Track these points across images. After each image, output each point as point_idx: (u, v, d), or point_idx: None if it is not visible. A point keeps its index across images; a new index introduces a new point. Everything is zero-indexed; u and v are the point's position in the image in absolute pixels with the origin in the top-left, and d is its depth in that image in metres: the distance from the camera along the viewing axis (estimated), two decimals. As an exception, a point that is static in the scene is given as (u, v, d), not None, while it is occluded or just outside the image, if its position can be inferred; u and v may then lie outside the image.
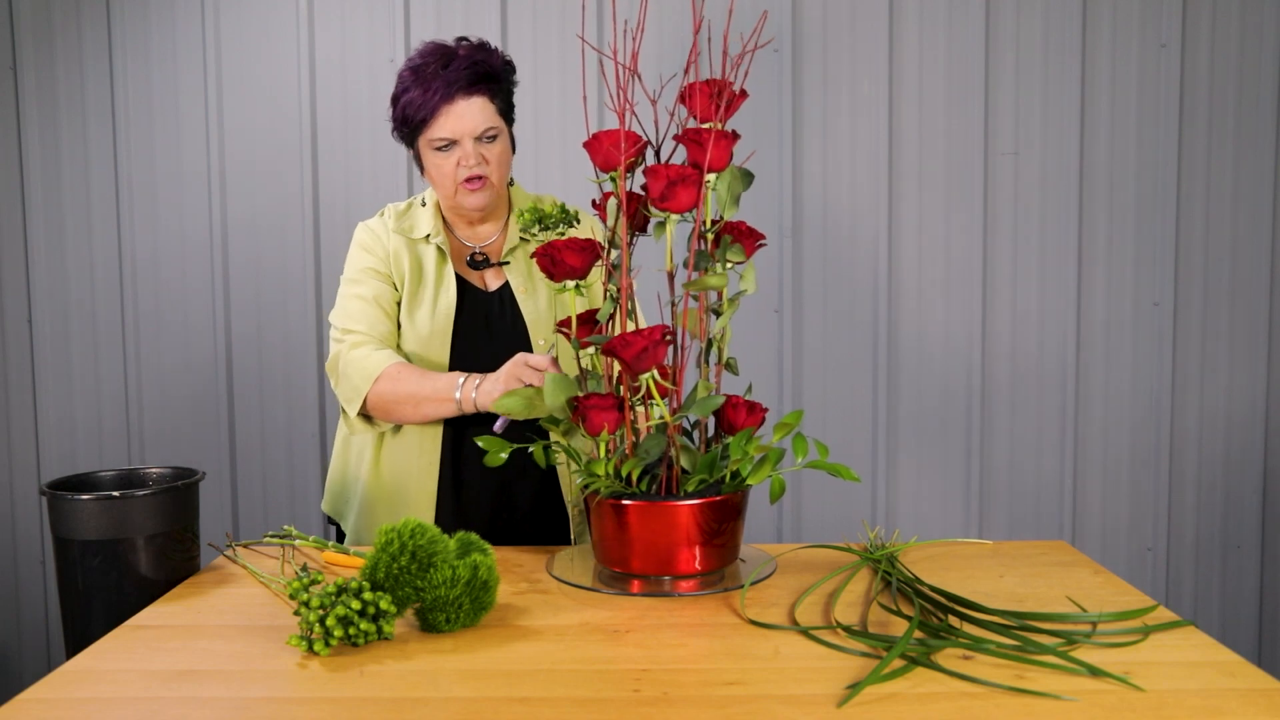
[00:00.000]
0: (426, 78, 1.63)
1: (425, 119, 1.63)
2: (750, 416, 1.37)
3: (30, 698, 1.05)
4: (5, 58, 2.56)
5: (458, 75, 1.62)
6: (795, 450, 1.31)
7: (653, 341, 1.30)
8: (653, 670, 1.08)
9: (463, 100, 1.62)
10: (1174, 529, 2.61)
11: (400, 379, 1.62)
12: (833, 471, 1.30)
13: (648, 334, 1.30)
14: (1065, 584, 1.36)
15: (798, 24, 2.52)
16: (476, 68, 1.63)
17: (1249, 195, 2.54)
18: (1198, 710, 0.98)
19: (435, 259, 1.73)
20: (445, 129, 1.63)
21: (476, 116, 1.63)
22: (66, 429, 2.63)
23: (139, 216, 2.58)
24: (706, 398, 1.35)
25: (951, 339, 2.57)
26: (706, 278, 1.34)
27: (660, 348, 1.31)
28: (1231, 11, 2.51)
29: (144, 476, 1.53)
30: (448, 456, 1.70)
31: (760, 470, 1.32)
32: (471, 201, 1.69)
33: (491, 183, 1.68)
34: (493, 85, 1.66)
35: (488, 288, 1.75)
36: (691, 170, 1.33)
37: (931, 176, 2.54)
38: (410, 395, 1.61)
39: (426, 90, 1.62)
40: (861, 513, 2.60)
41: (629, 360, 1.31)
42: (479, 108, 1.64)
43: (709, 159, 1.34)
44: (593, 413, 1.33)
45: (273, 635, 1.21)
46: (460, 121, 1.63)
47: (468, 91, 1.62)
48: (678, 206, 1.33)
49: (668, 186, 1.32)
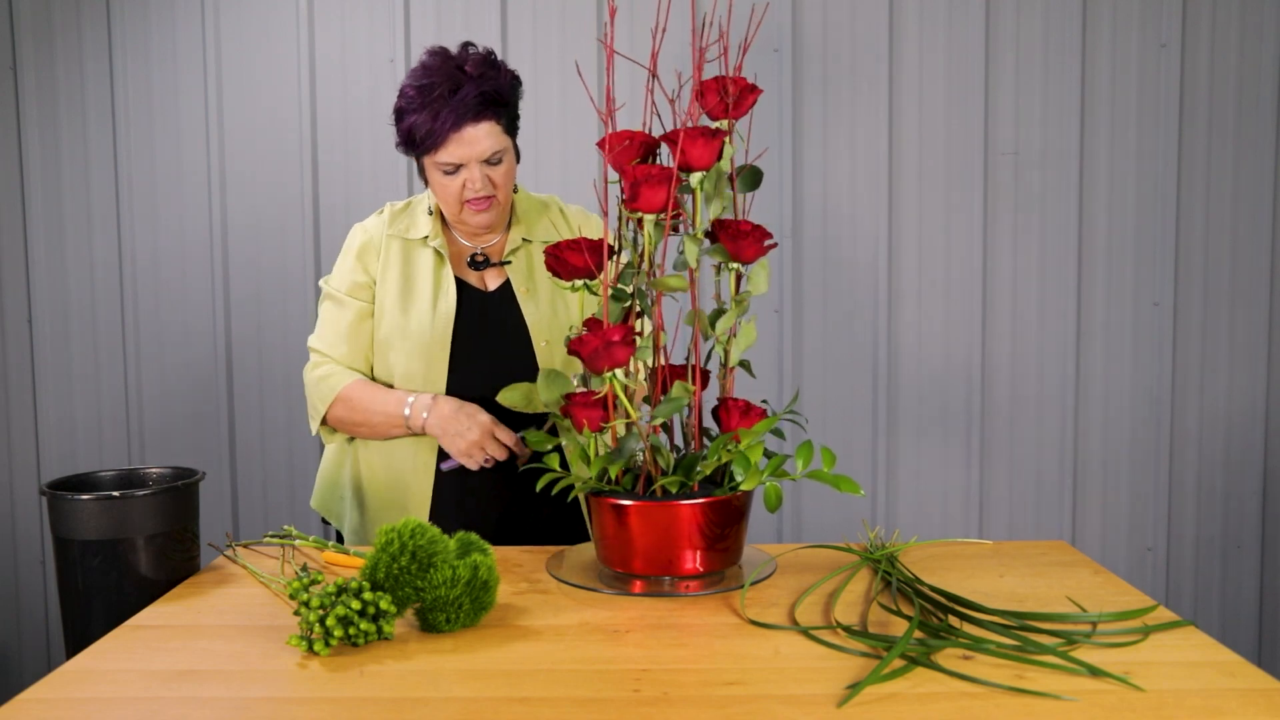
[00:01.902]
0: (434, 102, 1.60)
1: (433, 145, 1.62)
2: (744, 419, 1.35)
3: (30, 698, 1.05)
4: (5, 58, 2.56)
5: (466, 105, 1.59)
6: (799, 458, 1.28)
7: (607, 341, 1.29)
8: (653, 670, 1.08)
9: (470, 127, 1.61)
10: (1174, 529, 2.61)
11: (353, 403, 1.69)
12: (833, 484, 1.26)
13: (605, 333, 1.29)
14: (1065, 584, 1.36)
15: (798, 24, 2.52)
16: (485, 96, 1.61)
17: (1249, 195, 2.54)
18: (1198, 710, 0.98)
19: (433, 262, 1.72)
20: (453, 155, 1.62)
21: (484, 142, 1.62)
22: (66, 429, 2.63)
23: (139, 217, 2.58)
24: (669, 399, 1.32)
25: (951, 339, 2.57)
26: (665, 278, 1.32)
27: (619, 348, 1.29)
28: (1231, 11, 2.51)
29: (144, 476, 1.53)
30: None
31: (752, 477, 1.30)
32: (477, 220, 1.69)
33: (498, 200, 1.68)
34: (500, 108, 1.64)
35: (487, 288, 1.75)
36: (659, 169, 1.30)
37: (931, 177, 2.54)
38: (364, 419, 1.69)
39: (435, 118, 1.59)
40: (861, 513, 2.60)
41: (584, 358, 1.30)
42: (486, 133, 1.62)
43: (680, 157, 1.30)
44: (577, 410, 1.33)
45: (273, 635, 1.21)
46: (469, 149, 1.62)
47: (476, 118, 1.61)
48: (646, 206, 1.32)
49: (633, 187, 1.31)
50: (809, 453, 1.28)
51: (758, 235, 1.34)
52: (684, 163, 1.33)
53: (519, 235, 1.77)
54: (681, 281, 1.32)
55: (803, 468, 1.28)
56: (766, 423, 1.32)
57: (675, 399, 1.32)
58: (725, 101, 1.34)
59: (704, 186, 1.34)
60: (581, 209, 1.86)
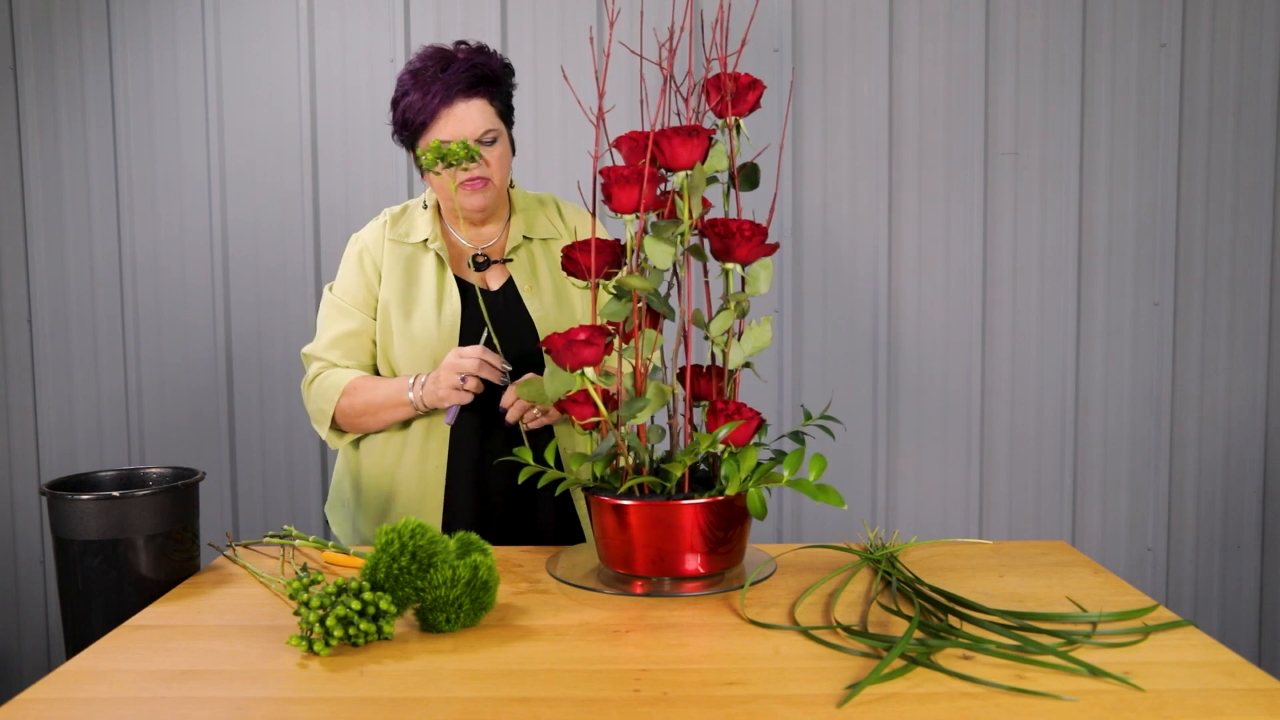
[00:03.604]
0: (426, 81, 1.63)
1: (425, 122, 1.64)
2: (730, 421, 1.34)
3: (30, 698, 1.05)
4: (5, 58, 2.56)
5: (456, 78, 1.62)
6: (786, 466, 1.27)
7: (573, 340, 1.28)
8: (653, 670, 1.08)
9: (462, 103, 1.63)
10: (1174, 529, 2.61)
11: (358, 391, 1.68)
12: (811, 494, 1.24)
13: (570, 332, 1.29)
14: (1065, 584, 1.36)
15: (798, 24, 2.52)
16: (475, 70, 1.64)
17: (1249, 195, 2.54)
18: (1198, 710, 0.98)
19: (434, 267, 1.73)
20: (445, 131, 1.64)
21: (476, 119, 1.64)
22: (66, 429, 2.63)
23: (139, 216, 2.58)
24: (634, 400, 1.31)
25: (951, 339, 2.57)
26: (629, 277, 1.30)
27: (585, 347, 1.28)
28: (1231, 11, 2.51)
29: (144, 476, 1.53)
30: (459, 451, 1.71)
31: (735, 482, 1.29)
32: (472, 202, 1.69)
33: (493, 184, 1.68)
34: (492, 88, 1.66)
35: (490, 288, 1.75)
36: (630, 170, 1.30)
37: (931, 176, 2.54)
38: (368, 405, 1.68)
39: (426, 94, 1.63)
40: (861, 513, 2.60)
41: (553, 356, 1.30)
42: (478, 110, 1.64)
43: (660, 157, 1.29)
44: (571, 405, 1.33)
45: (273, 635, 1.21)
46: (460, 124, 1.63)
47: (467, 94, 1.63)
48: (619, 207, 1.31)
49: (603, 188, 1.30)
50: (798, 460, 1.27)
51: (750, 235, 1.31)
52: (664, 162, 1.31)
53: (519, 232, 1.77)
54: (645, 282, 1.30)
55: (790, 475, 1.27)
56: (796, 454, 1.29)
57: (638, 401, 1.31)
58: (724, 99, 1.34)
59: (686, 186, 1.32)
60: (578, 206, 1.86)
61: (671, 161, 1.31)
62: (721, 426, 1.31)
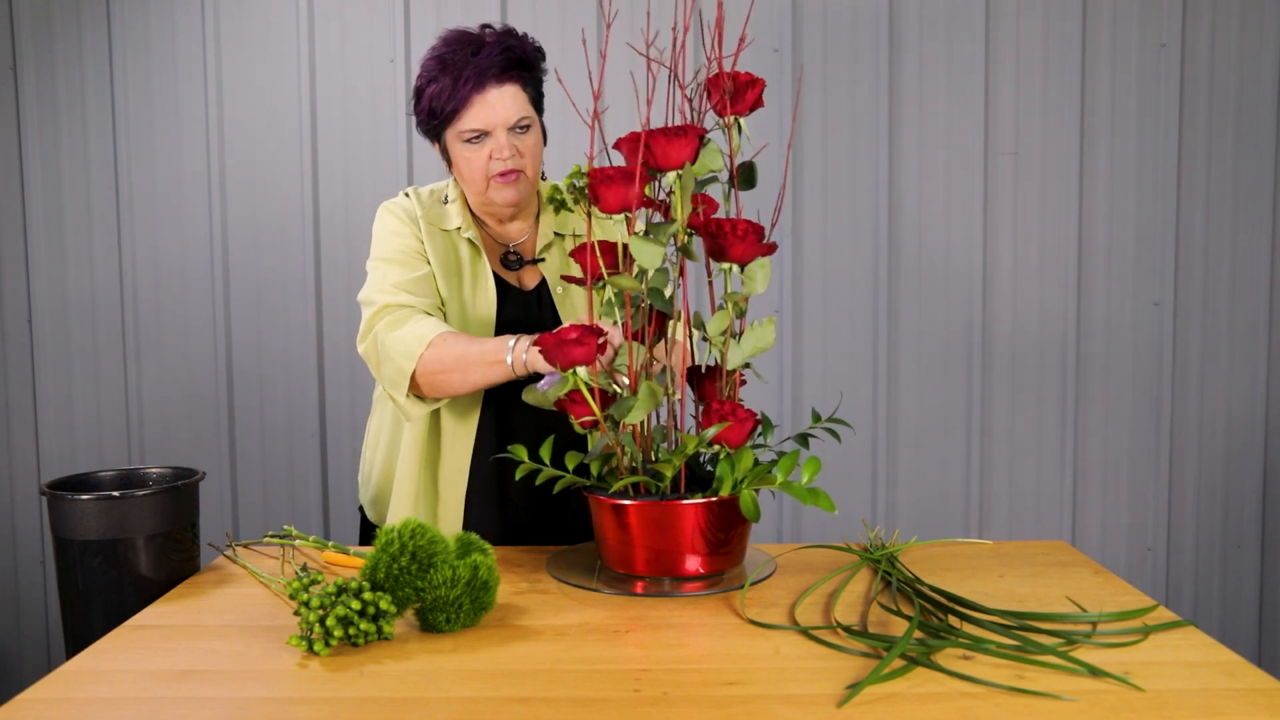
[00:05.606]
0: (455, 65, 1.52)
1: (455, 110, 1.53)
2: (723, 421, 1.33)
3: (30, 698, 1.05)
4: (5, 58, 2.56)
5: (489, 62, 1.52)
6: (780, 469, 1.27)
7: (563, 339, 1.27)
8: (653, 670, 1.08)
9: (494, 89, 1.52)
10: (1174, 529, 2.61)
11: (447, 344, 1.49)
12: (801, 498, 1.24)
13: (560, 331, 1.28)
14: (1065, 584, 1.36)
15: (798, 24, 2.52)
16: (509, 53, 1.53)
17: (1249, 195, 2.54)
18: (1198, 710, 0.98)
19: (470, 254, 1.64)
20: (477, 119, 1.53)
21: (509, 105, 1.53)
22: (66, 429, 2.63)
23: (139, 217, 2.58)
24: (625, 400, 1.31)
25: (951, 339, 2.57)
26: (618, 277, 1.29)
27: (574, 347, 1.27)
28: (1231, 11, 2.51)
29: (144, 476, 1.53)
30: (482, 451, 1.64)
31: (727, 483, 1.28)
32: (504, 196, 1.58)
33: (526, 175, 1.58)
34: (525, 73, 1.57)
35: (524, 286, 1.67)
36: (616, 170, 1.29)
37: (931, 176, 2.54)
38: (459, 360, 1.48)
39: (457, 80, 1.51)
40: (861, 513, 2.60)
41: (544, 355, 1.29)
42: (511, 96, 1.54)
43: (649, 157, 1.28)
44: (570, 405, 1.33)
45: (273, 635, 1.21)
46: (493, 111, 1.53)
47: (500, 79, 1.52)
48: (605, 208, 1.30)
49: (590, 189, 1.29)
50: (792, 463, 1.26)
51: (744, 235, 1.29)
52: (654, 163, 1.29)
53: (549, 229, 1.69)
54: (633, 282, 1.29)
55: (782, 477, 1.26)
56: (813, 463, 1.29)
57: (629, 401, 1.30)
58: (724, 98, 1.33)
59: (676, 186, 1.30)
60: None
61: (662, 161, 1.29)
62: (711, 427, 1.30)
